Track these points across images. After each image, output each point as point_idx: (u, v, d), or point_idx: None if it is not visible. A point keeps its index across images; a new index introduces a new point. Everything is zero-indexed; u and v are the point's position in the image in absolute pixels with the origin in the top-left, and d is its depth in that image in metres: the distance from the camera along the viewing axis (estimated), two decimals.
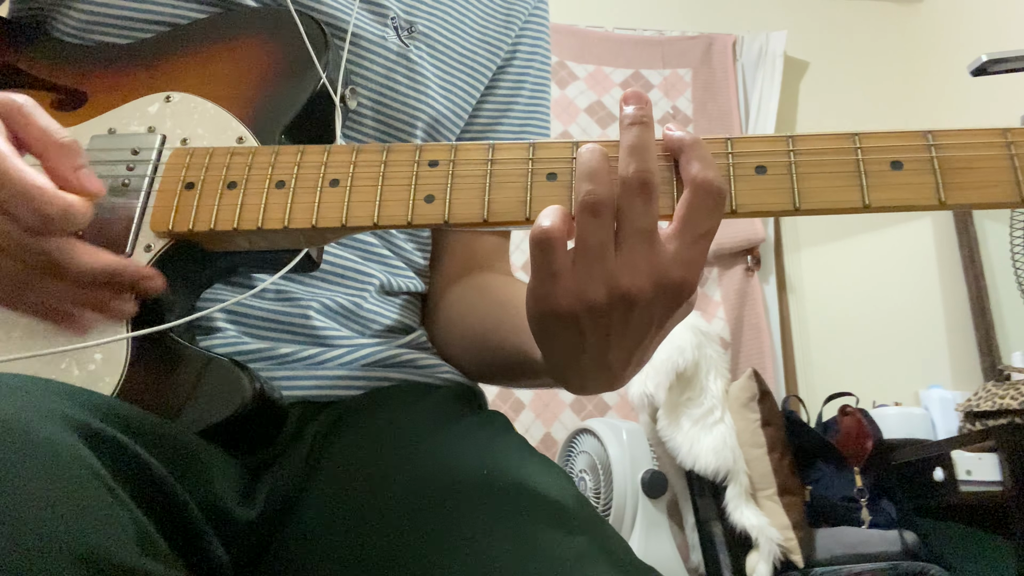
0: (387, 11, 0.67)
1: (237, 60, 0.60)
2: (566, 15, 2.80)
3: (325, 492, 0.52)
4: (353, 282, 0.65)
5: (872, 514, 1.91)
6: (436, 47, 0.70)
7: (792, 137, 0.46)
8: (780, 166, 0.45)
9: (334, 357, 0.61)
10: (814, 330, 2.60)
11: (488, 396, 0.72)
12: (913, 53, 2.95)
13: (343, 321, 0.64)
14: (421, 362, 0.66)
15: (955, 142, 0.44)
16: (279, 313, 0.60)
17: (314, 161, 0.52)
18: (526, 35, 0.77)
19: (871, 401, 2.30)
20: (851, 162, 0.45)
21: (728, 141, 0.46)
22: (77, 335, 0.50)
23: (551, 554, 0.44)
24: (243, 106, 0.58)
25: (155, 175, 0.55)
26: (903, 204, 0.44)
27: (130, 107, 0.59)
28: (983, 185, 0.43)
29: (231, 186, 0.52)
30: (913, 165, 0.44)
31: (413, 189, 0.49)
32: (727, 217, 0.45)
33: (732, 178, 0.45)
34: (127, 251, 0.52)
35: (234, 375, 0.50)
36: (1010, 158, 0.43)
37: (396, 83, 0.67)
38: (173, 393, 0.50)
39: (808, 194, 0.45)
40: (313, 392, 0.60)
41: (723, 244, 2.56)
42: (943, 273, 2.69)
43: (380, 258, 0.67)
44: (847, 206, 0.44)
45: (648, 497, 1.91)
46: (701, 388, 1.99)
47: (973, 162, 0.43)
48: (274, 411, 0.53)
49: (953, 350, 2.60)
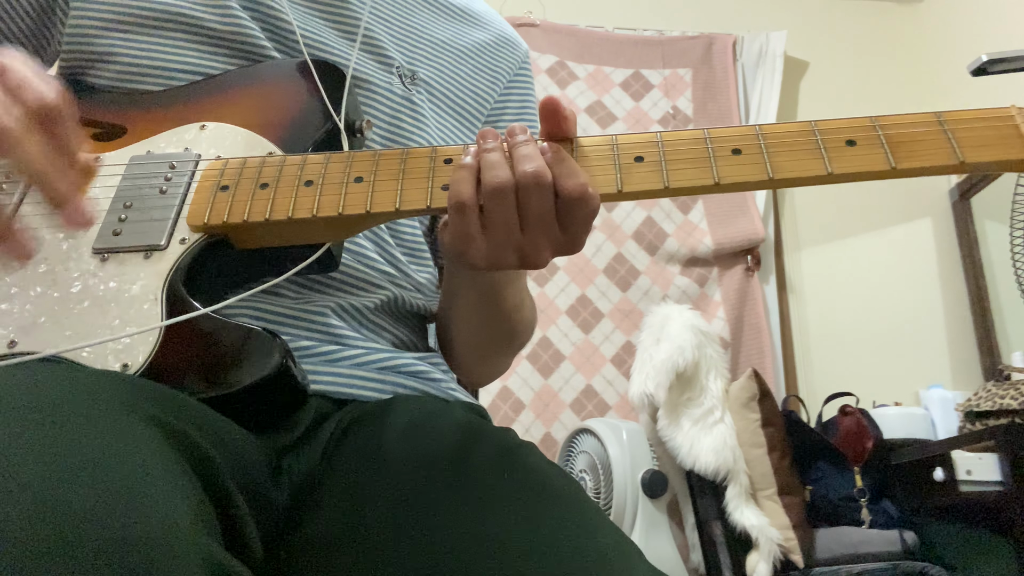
0: (392, 61, 0.76)
1: (266, 97, 0.67)
2: (566, 15, 2.80)
3: (337, 486, 0.54)
4: (365, 292, 0.69)
5: (872, 514, 1.91)
6: (435, 93, 0.79)
7: (760, 126, 0.54)
8: (753, 148, 0.53)
9: (350, 356, 0.64)
10: (814, 330, 2.60)
11: (488, 396, 0.74)
12: (913, 53, 2.95)
13: (357, 326, 0.68)
14: (433, 375, 0.69)
15: (898, 122, 0.53)
16: (299, 311, 0.64)
17: (340, 164, 0.58)
18: (513, 92, 0.87)
19: (871, 401, 2.30)
20: (812, 142, 0.53)
21: (706, 130, 0.54)
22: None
23: (578, 550, 0.46)
24: (273, 131, 0.64)
25: (192, 180, 0.60)
26: (861, 171, 0.52)
27: (167, 134, 0.65)
28: (926, 152, 0.51)
29: (263, 187, 0.57)
30: (865, 142, 0.52)
31: (431, 180, 0.55)
32: (712, 192, 0.53)
33: (713, 159, 0.53)
34: (163, 243, 0.56)
35: (267, 340, 0.52)
36: (945, 132, 0.52)
37: (402, 121, 0.74)
38: (207, 358, 0.52)
39: (779, 167, 0.52)
40: (330, 387, 0.62)
41: (723, 244, 2.56)
42: (943, 273, 2.70)
43: (387, 276, 0.71)
44: (814, 174, 0.52)
45: (648, 497, 1.91)
46: (701, 388, 1.99)
47: (916, 136, 0.52)
48: (299, 384, 0.55)
49: (953, 350, 2.60)
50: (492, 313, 0.71)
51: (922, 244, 2.74)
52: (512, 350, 0.80)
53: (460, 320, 0.74)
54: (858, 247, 2.72)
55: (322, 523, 0.52)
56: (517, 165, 0.51)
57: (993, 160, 0.51)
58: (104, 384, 0.42)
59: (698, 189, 0.52)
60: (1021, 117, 0.52)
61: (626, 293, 2.51)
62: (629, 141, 0.55)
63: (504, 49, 0.87)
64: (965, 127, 0.52)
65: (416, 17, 0.81)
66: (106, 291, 0.55)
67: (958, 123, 0.52)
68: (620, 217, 2.59)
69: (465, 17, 0.87)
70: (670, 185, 0.52)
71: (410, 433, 0.58)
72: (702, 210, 2.63)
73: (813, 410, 2.26)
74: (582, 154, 0.55)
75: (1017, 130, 0.52)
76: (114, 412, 0.39)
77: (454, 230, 0.53)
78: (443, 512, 0.49)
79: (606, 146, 0.55)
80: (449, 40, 0.83)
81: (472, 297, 0.70)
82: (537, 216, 0.51)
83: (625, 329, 2.45)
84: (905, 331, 2.60)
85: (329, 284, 0.67)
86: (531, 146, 0.53)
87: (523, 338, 0.78)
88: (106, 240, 0.57)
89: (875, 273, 2.68)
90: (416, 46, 0.79)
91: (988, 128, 0.52)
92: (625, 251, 2.55)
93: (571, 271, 2.51)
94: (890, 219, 2.75)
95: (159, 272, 0.55)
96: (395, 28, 0.79)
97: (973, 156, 0.51)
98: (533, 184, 0.51)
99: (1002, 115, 0.52)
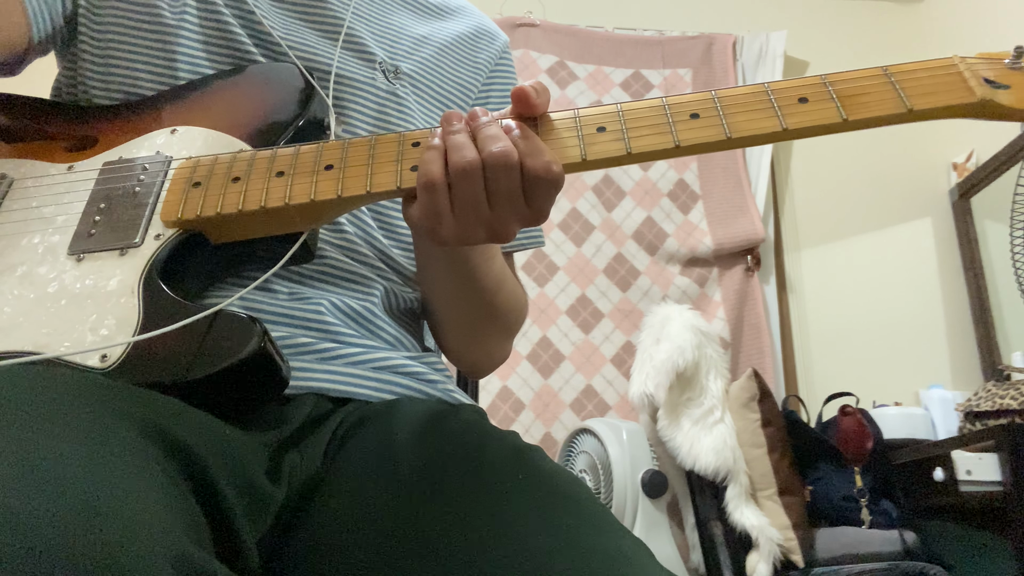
0: (374, 57, 0.78)
1: (235, 100, 0.68)
2: (566, 15, 2.80)
3: (343, 486, 0.54)
4: (359, 286, 0.70)
5: (872, 514, 1.91)
6: (419, 86, 0.81)
7: (715, 91, 0.56)
8: (710, 111, 0.55)
9: (347, 355, 0.64)
10: (814, 330, 2.60)
11: (488, 396, 0.74)
12: (913, 53, 2.94)
13: (353, 325, 0.67)
14: (429, 376, 0.69)
15: (847, 78, 0.55)
16: (294, 308, 0.64)
17: (310, 154, 0.59)
18: (496, 80, 0.89)
19: (871, 401, 2.30)
20: (766, 101, 0.55)
21: (663, 98, 0.56)
22: None
23: (593, 548, 0.47)
24: (243, 131, 0.65)
25: (164, 179, 0.61)
26: (814, 124, 0.53)
27: (139, 140, 0.66)
28: (875, 104, 0.53)
29: (235, 180, 0.58)
30: (816, 98, 0.54)
31: (400, 163, 0.57)
32: (673, 155, 0.55)
33: (672, 124, 0.55)
34: (137, 240, 0.57)
35: (244, 322, 0.52)
36: (892, 83, 0.54)
37: (388, 115, 0.76)
38: (186, 344, 0.52)
39: (736, 127, 0.54)
40: (326, 385, 0.62)
41: (723, 244, 2.56)
42: (943, 273, 2.70)
43: (377, 270, 0.72)
44: (770, 131, 0.54)
45: (648, 497, 1.91)
46: (701, 388, 1.99)
47: (865, 89, 0.54)
48: (277, 366, 0.54)
49: (953, 350, 2.60)
50: (468, 290, 0.72)
51: (922, 244, 2.74)
52: (499, 331, 0.79)
53: (438, 299, 0.75)
54: (858, 247, 2.72)
55: (329, 522, 0.51)
56: (484, 146, 0.53)
57: (940, 106, 0.52)
58: (80, 385, 0.42)
59: (660, 153, 0.54)
60: (964, 65, 0.54)
61: (626, 293, 2.51)
62: (591, 113, 0.56)
63: (483, 40, 0.89)
64: (911, 78, 0.54)
65: (394, 15, 0.84)
66: (83, 288, 0.55)
67: (904, 74, 0.54)
68: (620, 217, 2.59)
69: (442, 13, 0.89)
70: (632, 151, 0.54)
71: (420, 434, 0.58)
72: (702, 210, 2.63)
73: (813, 410, 2.26)
74: (547, 128, 0.56)
75: (960, 77, 0.53)
76: (86, 414, 0.38)
77: (424, 209, 0.54)
78: (458, 512, 0.49)
79: (569, 119, 0.56)
80: (428, 35, 0.85)
81: (441, 270, 0.71)
82: (505, 194, 0.53)
83: (625, 329, 2.45)
84: (905, 331, 2.60)
85: (321, 279, 0.67)
86: (495, 127, 0.54)
87: (509, 320, 0.78)
88: (81, 241, 0.58)
89: (875, 273, 2.68)
90: (397, 42, 0.82)
91: (933, 77, 0.54)
92: (625, 251, 2.55)
93: (571, 271, 2.51)
94: (890, 219, 2.75)
95: (135, 267, 0.56)
96: (375, 26, 0.81)
97: (921, 103, 0.53)
98: (501, 164, 0.52)
99: (946, 64, 0.54)
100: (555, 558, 0.45)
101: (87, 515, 0.31)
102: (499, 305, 0.75)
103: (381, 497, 0.52)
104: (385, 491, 0.52)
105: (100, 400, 0.41)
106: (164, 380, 0.49)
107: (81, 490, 0.32)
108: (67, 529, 0.30)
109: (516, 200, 0.53)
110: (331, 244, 0.69)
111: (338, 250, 0.69)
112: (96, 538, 0.30)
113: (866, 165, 2.79)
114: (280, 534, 0.52)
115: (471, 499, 0.50)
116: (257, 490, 0.48)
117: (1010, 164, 2.48)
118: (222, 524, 0.42)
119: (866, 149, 2.78)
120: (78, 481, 0.33)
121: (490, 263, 0.72)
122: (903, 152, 2.80)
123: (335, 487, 0.54)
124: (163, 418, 0.42)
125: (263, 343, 0.51)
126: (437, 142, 0.54)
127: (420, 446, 0.56)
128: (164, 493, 0.36)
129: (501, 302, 0.75)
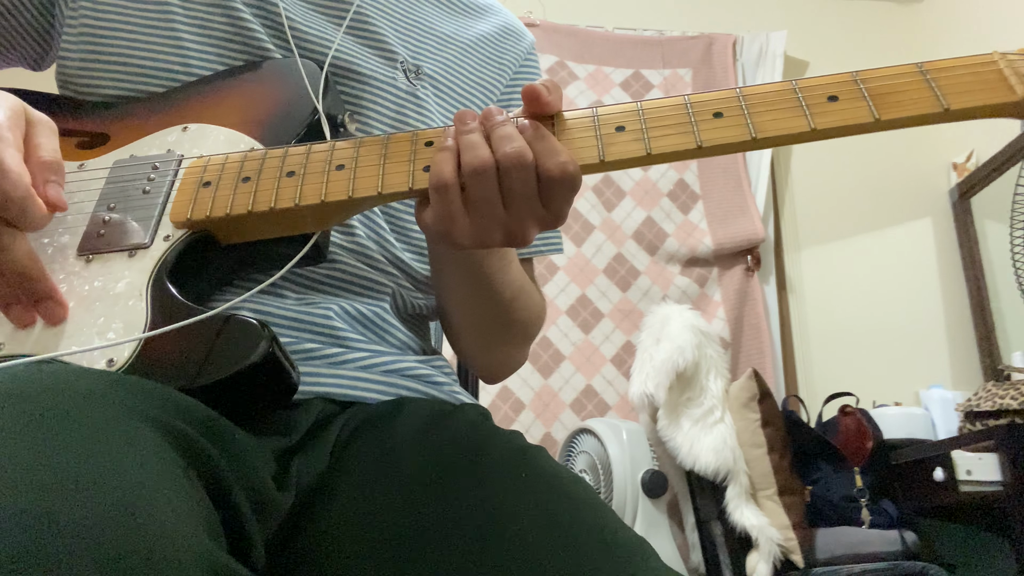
0: (396, 56, 0.76)
1: (247, 96, 0.67)
2: (566, 15, 2.80)
3: (348, 487, 0.54)
4: (369, 291, 0.69)
5: (872, 514, 1.91)
6: (440, 87, 0.79)
7: (740, 88, 0.54)
8: (734, 109, 0.52)
9: (354, 359, 0.64)
10: (814, 330, 2.60)
11: (488, 396, 0.74)
12: (913, 53, 2.94)
13: (361, 329, 0.67)
14: (436, 378, 0.69)
15: (879, 75, 0.52)
16: (302, 313, 0.63)
17: (321, 153, 0.58)
18: (519, 81, 0.86)
19: (871, 401, 2.30)
20: (794, 99, 0.52)
21: (686, 96, 0.54)
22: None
23: (602, 548, 0.47)
24: (254, 128, 0.64)
25: (175, 179, 0.60)
26: (845, 124, 0.51)
27: (150, 138, 0.65)
28: (910, 102, 0.50)
29: (245, 180, 0.58)
30: (847, 96, 0.51)
31: (413, 163, 0.55)
32: (696, 156, 0.52)
33: (695, 123, 0.52)
34: (146, 241, 0.56)
35: (252, 326, 0.51)
36: (927, 81, 0.51)
37: (407, 116, 0.75)
38: (193, 349, 0.51)
39: (762, 127, 0.51)
40: (334, 389, 0.62)
41: (723, 244, 2.56)
42: (943, 273, 2.69)
43: (389, 275, 0.71)
44: (797, 131, 0.51)
45: (648, 497, 1.91)
46: (701, 388, 1.99)
47: (897, 87, 0.51)
48: (286, 370, 0.53)
49: (953, 350, 2.60)
50: (484, 297, 0.71)
51: (922, 244, 2.74)
52: (516, 338, 0.78)
53: (453, 305, 0.74)
54: (858, 247, 2.72)
55: (333, 523, 0.51)
56: (498, 146, 0.51)
57: (978, 105, 0.50)
58: (97, 385, 0.41)
59: (681, 154, 0.52)
60: (1004, 62, 0.51)
61: (626, 293, 2.51)
62: (610, 112, 0.54)
63: (509, 39, 0.87)
64: (947, 75, 0.51)
65: (420, 12, 0.82)
66: (91, 290, 0.55)
67: (940, 72, 0.51)
68: (620, 217, 2.59)
69: (469, 10, 0.87)
70: (652, 152, 0.52)
71: (423, 434, 0.58)
72: (702, 210, 2.63)
73: (813, 410, 2.26)
74: (564, 127, 0.54)
75: (1000, 74, 0.50)
76: (109, 414, 0.38)
77: (437, 211, 0.53)
78: (461, 511, 0.49)
79: (587, 118, 0.54)
80: (453, 34, 0.83)
81: (457, 276, 0.70)
82: (520, 194, 0.51)
83: (625, 329, 2.45)
84: (905, 331, 2.59)
85: (332, 284, 0.67)
86: (509, 126, 0.53)
87: (527, 327, 0.77)
88: (90, 242, 0.58)
89: (875, 273, 2.68)
90: (421, 41, 0.80)
91: (971, 75, 0.51)
92: (625, 251, 2.55)
93: (571, 271, 2.51)
94: (890, 219, 2.75)
95: (143, 269, 0.56)
96: (399, 24, 0.79)
97: (958, 103, 0.50)
98: (515, 164, 0.51)
99: (985, 61, 0.51)
100: (558, 557, 0.46)
101: (124, 516, 0.31)
102: (516, 312, 0.74)
103: (385, 497, 0.52)
104: (389, 491, 0.52)
105: (116, 399, 0.40)
106: (171, 385, 0.48)
107: (115, 491, 0.32)
108: (105, 531, 0.30)
109: (532, 201, 0.52)
110: (343, 248, 0.68)
111: (350, 255, 0.68)
112: (134, 539, 0.31)
113: (866, 165, 2.79)
114: (285, 534, 0.52)
115: (474, 499, 0.50)
116: (265, 495, 0.48)
117: (1010, 164, 2.48)
118: (234, 526, 0.42)
119: (866, 149, 2.78)
120: (111, 482, 0.33)
121: (506, 269, 0.71)
122: (903, 152, 2.80)
123: (339, 488, 0.54)
124: (182, 421, 0.42)
125: (272, 348, 0.50)
126: (450, 142, 0.53)
127: (423, 446, 0.56)
128: (187, 495, 0.36)
129: (518, 309, 0.74)
